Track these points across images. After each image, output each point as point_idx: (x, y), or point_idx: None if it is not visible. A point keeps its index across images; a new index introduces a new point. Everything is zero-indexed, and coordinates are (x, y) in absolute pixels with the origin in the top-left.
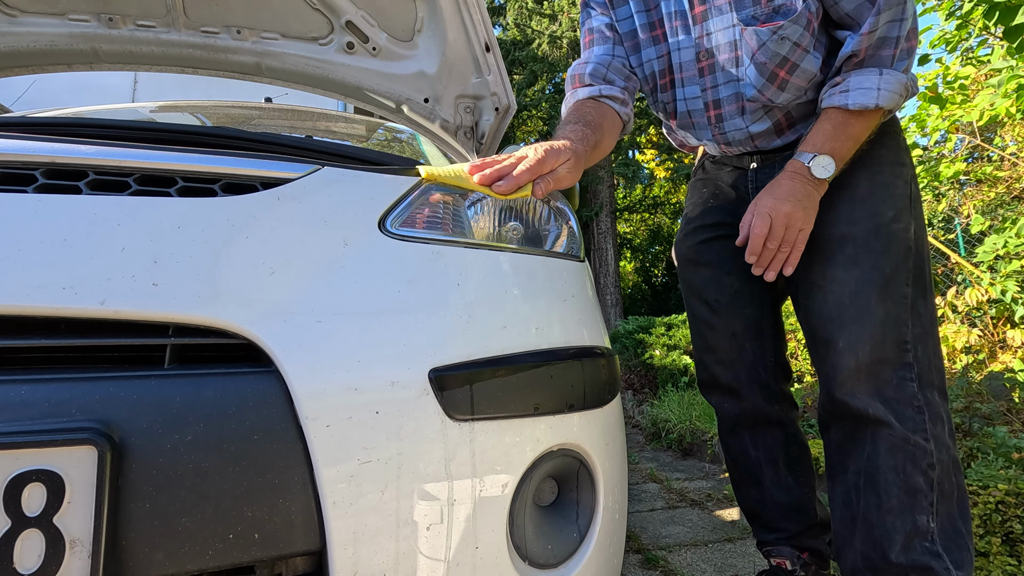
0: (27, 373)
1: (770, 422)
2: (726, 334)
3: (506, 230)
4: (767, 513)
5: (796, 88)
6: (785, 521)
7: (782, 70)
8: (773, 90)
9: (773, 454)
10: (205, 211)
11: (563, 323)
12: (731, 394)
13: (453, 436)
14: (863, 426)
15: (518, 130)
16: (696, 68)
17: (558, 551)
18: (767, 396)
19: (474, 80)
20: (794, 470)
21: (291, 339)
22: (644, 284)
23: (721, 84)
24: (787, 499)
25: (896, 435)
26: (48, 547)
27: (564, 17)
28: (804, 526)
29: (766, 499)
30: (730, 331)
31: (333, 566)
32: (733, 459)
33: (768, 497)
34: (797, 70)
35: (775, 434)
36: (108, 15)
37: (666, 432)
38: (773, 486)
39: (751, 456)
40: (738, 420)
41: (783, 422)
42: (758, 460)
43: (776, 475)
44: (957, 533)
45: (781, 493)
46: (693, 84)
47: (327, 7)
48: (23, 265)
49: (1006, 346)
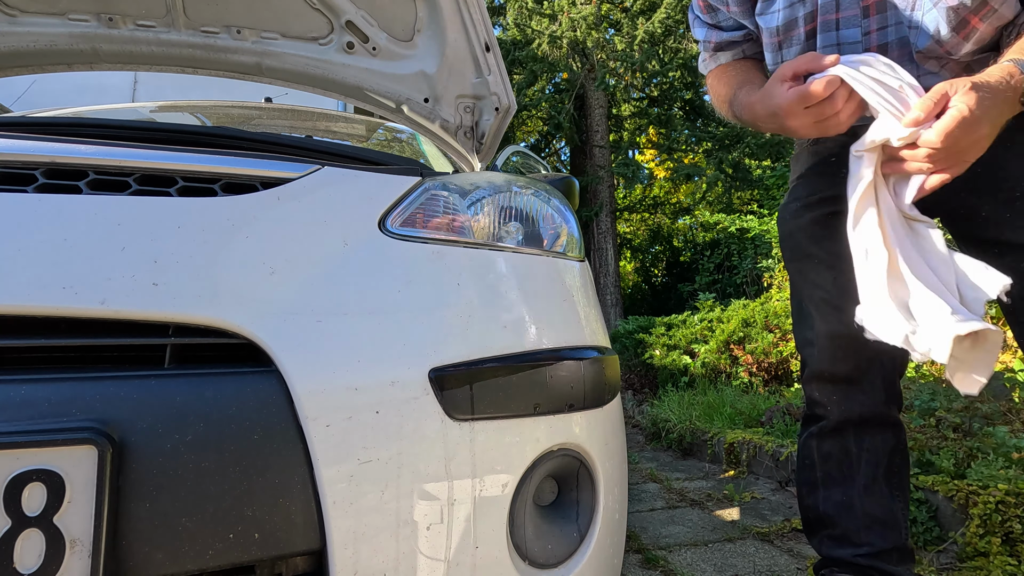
0: (27, 373)
1: (884, 423)
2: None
3: (506, 230)
4: (850, 521)
5: (982, 38)
6: (870, 534)
7: (976, 16)
8: (957, 40)
9: (877, 457)
10: (205, 211)
11: (563, 323)
12: (848, 386)
13: (453, 436)
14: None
15: (518, 130)
16: (860, 7)
17: (558, 551)
18: (890, 395)
19: (474, 80)
20: (891, 482)
21: (291, 339)
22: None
23: (891, 26)
24: (878, 510)
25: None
26: (48, 547)
27: (564, 17)
28: (891, 545)
29: (854, 504)
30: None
31: (333, 566)
32: (824, 455)
33: (857, 502)
34: (994, 15)
35: (885, 437)
36: (108, 15)
37: (666, 432)
38: (866, 491)
39: (851, 454)
40: (847, 416)
41: (896, 426)
42: (858, 460)
43: (872, 481)
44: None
45: (873, 501)
46: (853, 26)
47: (327, 7)
48: (23, 265)
49: (1006, 346)
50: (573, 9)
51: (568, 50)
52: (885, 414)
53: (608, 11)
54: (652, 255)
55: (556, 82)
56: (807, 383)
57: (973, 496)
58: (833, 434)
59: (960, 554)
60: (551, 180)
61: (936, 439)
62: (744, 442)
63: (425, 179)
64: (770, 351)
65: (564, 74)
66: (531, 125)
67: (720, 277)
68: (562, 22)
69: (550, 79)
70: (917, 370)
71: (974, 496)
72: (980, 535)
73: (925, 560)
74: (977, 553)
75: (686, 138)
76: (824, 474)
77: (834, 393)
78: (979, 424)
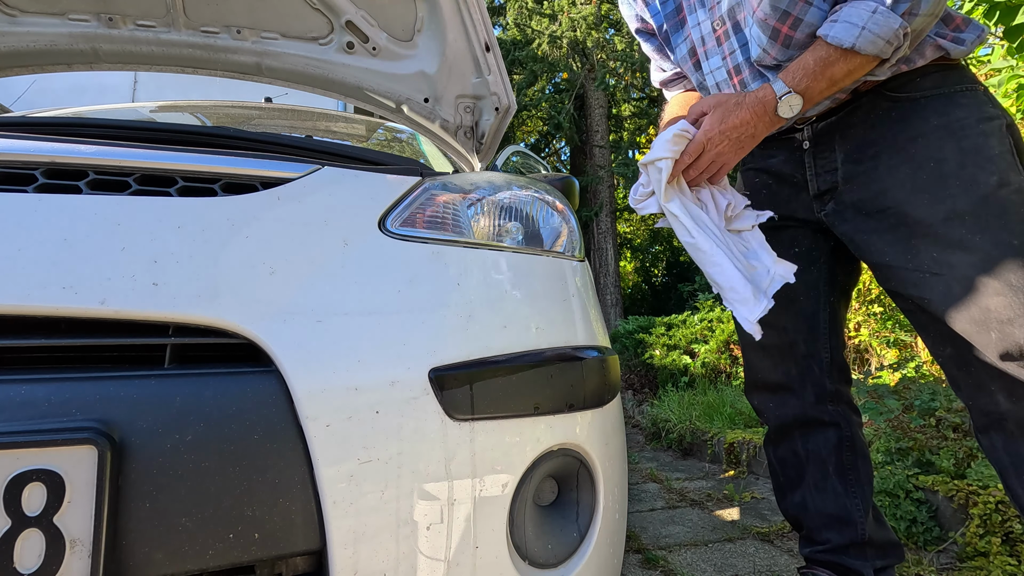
0: (27, 373)
1: (823, 423)
2: (777, 329)
3: (506, 230)
4: (809, 521)
5: (803, 44)
6: (826, 531)
7: (784, 26)
8: (778, 48)
9: (822, 455)
10: (205, 211)
11: (563, 323)
12: (780, 393)
13: (453, 436)
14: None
15: (518, 130)
16: (714, 38)
17: (558, 551)
18: (820, 395)
19: (474, 80)
20: (845, 477)
21: (291, 339)
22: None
23: (738, 48)
24: (831, 506)
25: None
26: (48, 547)
27: (564, 17)
28: (847, 540)
29: (808, 504)
30: (781, 325)
31: (333, 566)
32: (780, 461)
33: (810, 502)
34: (801, 24)
35: (827, 435)
36: (108, 15)
37: (666, 432)
38: (817, 490)
39: (799, 457)
40: (787, 422)
41: (838, 424)
42: (805, 459)
43: (822, 478)
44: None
45: (825, 499)
46: (715, 55)
47: (327, 7)
48: (23, 265)
49: None
50: (573, 9)
51: (568, 50)
52: (822, 413)
53: (608, 11)
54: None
55: (556, 82)
56: (747, 394)
57: (973, 496)
58: (781, 438)
59: (960, 554)
60: (551, 180)
61: (936, 439)
62: (744, 442)
63: (425, 179)
64: None
65: (564, 74)
66: (531, 125)
67: None
68: (562, 22)
69: (550, 79)
70: (917, 370)
71: (974, 496)
72: (980, 535)
73: (925, 560)
74: (977, 553)
75: None
76: (785, 479)
77: (770, 400)
78: None
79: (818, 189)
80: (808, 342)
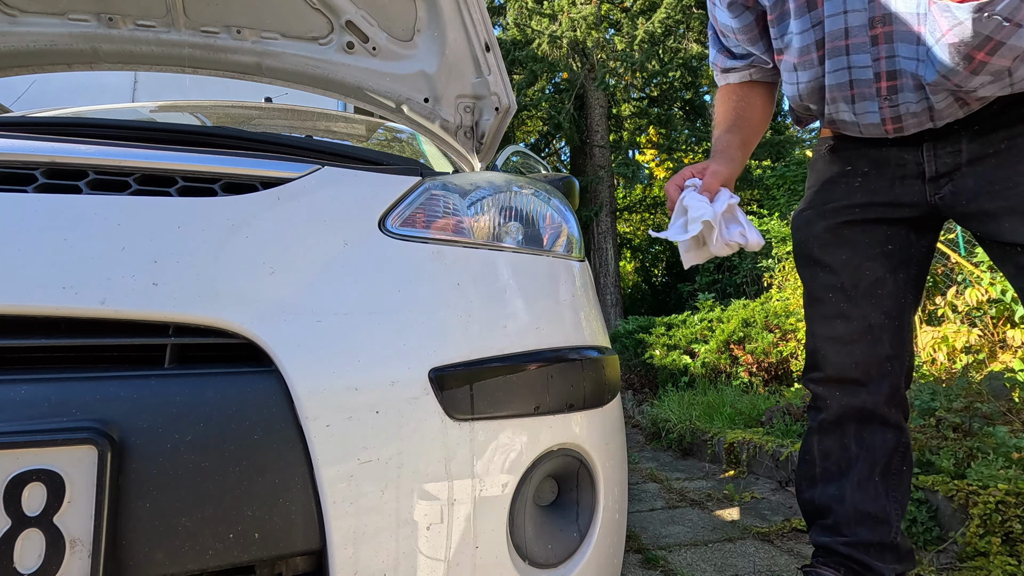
0: (27, 373)
1: (886, 423)
2: (862, 325)
3: (506, 230)
4: (841, 514)
5: (995, 70)
6: (858, 526)
7: (981, 52)
8: (964, 75)
9: (876, 456)
10: (205, 211)
11: (563, 323)
12: (852, 386)
13: (453, 436)
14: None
15: (518, 130)
16: (868, 35)
17: (558, 551)
18: (893, 396)
19: (474, 80)
20: (888, 481)
21: (291, 339)
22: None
23: (900, 56)
24: (871, 505)
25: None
26: (48, 547)
27: (564, 17)
28: (877, 539)
29: (846, 497)
30: (867, 322)
31: (333, 566)
32: (824, 451)
33: (848, 496)
34: (1001, 48)
35: (886, 437)
36: (108, 15)
37: (666, 432)
38: (859, 487)
39: (849, 451)
40: (848, 413)
41: (900, 427)
42: (856, 456)
43: (868, 477)
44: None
45: (866, 497)
46: (863, 52)
47: (327, 7)
48: (23, 265)
49: (1006, 346)
50: (573, 9)
51: (568, 50)
52: (887, 414)
53: (608, 11)
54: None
55: (556, 82)
56: (811, 381)
57: (973, 496)
58: (834, 429)
59: (960, 554)
60: (551, 180)
61: (936, 439)
62: (744, 442)
63: (425, 179)
64: (770, 351)
65: (564, 74)
66: (531, 125)
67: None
68: (562, 22)
69: (550, 79)
70: (917, 370)
71: (974, 496)
72: (980, 535)
73: (925, 560)
74: (977, 553)
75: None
76: (823, 470)
77: (838, 390)
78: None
79: (936, 171)
80: (894, 343)
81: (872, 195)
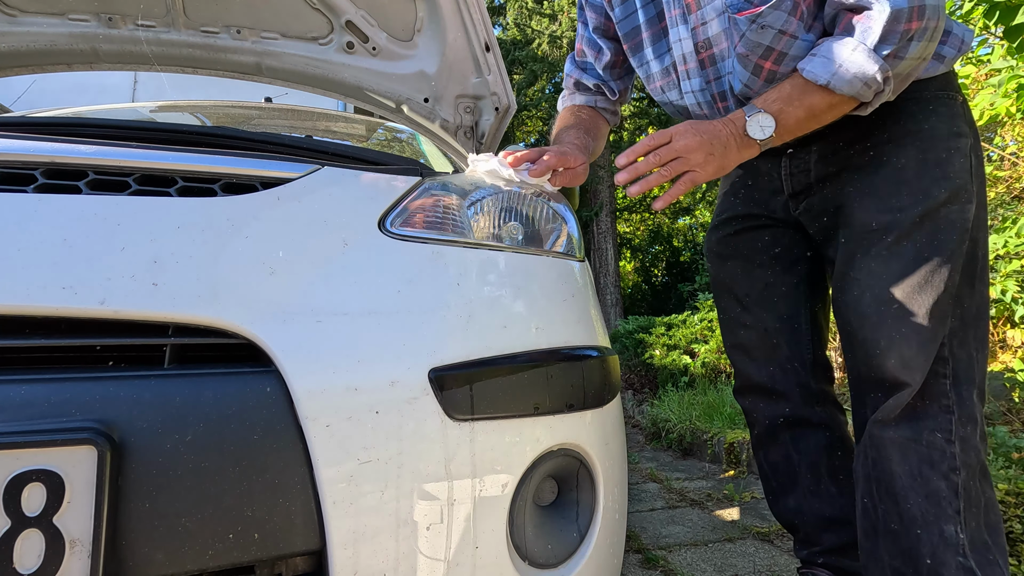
0: (27, 373)
1: (811, 424)
2: (758, 330)
3: (506, 230)
4: (805, 524)
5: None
6: (824, 533)
7: (767, 61)
8: (760, 84)
9: (813, 458)
10: (205, 211)
11: (563, 323)
12: (767, 395)
13: (453, 436)
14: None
15: (518, 130)
16: (696, 60)
17: (558, 551)
18: (806, 396)
19: (474, 80)
20: (837, 478)
21: (291, 339)
22: (644, 284)
23: (724, 76)
24: (827, 509)
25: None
26: (48, 547)
27: (564, 17)
28: (843, 541)
29: (804, 508)
30: (762, 327)
31: (333, 566)
32: (772, 466)
33: (806, 506)
34: (786, 59)
35: (816, 437)
36: (108, 15)
37: (666, 432)
38: (811, 494)
39: (792, 461)
40: (777, 424)
41: (827, 424)
42: (798, 464)
43: (816, 482)
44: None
45: (821, 502)
46: (696, 76)
47: (327, 7)
48: (23, 265)
49: (1006, 346)
50: (573, 9)
51: (568, 50)
52: (810, 414)
53: None
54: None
55: (556, 82)
56: (737, 395)
57: None
58: (771, 441)
59: None
60: None
61: None
62: (744, 442)
63: (425, 179)
64: None
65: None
66: (531, 125)
67: None
68: (562, 22)
69: (550, 79)
70: None
71: None
72: None
73: None
74: None
75: None
76: (778, 485)
77: (760, 401)
78: None
79: (792, 189)
80: (790, 343)
81: (752, 206)
